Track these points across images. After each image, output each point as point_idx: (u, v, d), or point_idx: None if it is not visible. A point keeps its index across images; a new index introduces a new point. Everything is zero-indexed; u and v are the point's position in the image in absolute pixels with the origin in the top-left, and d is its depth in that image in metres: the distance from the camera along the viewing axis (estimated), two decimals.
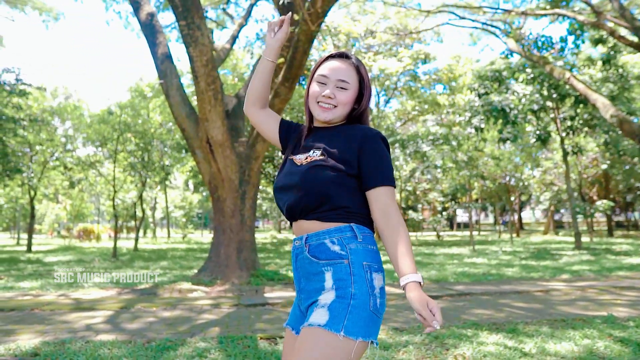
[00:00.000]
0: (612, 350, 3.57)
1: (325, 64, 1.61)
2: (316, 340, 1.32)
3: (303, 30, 6.27)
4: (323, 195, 1.46)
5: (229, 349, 3.71)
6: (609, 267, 9.27)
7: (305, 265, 1.49)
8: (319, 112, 1.58)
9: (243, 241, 7.55)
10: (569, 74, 12.63)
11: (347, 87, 1.57)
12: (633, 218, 34.95)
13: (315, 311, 1.38)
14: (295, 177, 1.51)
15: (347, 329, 1.31)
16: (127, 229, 26.84)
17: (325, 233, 1.46)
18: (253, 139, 7.55)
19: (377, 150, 1.50)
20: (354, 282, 1.38)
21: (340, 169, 1.47)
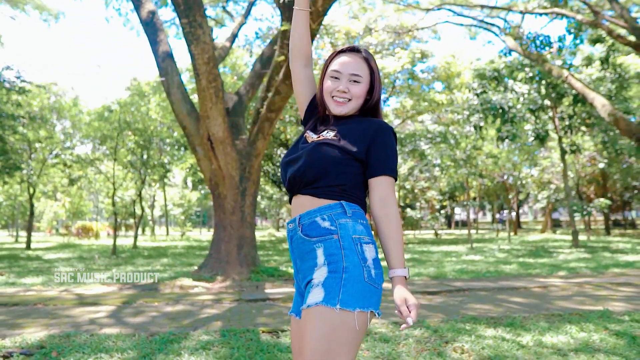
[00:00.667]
0: (608, 343, 3.65)
1: (336, 60, 1.66)
2: (316, 319, 1.34)
3: None
4: (322, 170, 1.51)
5: (232, 342, 3.77)
6: (606, 264, 9.36)
7: (300, 245, 1.52)
8: (334, 106, 1.63)
9: (243, 237, 7.61)
10: (567, 73, 12.71)
11: (359, 80, 1.62)
12: (630, 217, 35.11)
13: (311, 292, 1.40)
14: (301, 152, 1.58)
15: (343, 301, 1.33)
16: (125, 226, 26.86)
17: (316, 211, 1.49)
18: (254, 136, 7.61)
19: (388, 142, 1.56)
20: (345, 256, 1.41)
21: (348, 150, 1.52)
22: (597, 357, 3.31)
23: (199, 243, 20.82)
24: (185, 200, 25.44)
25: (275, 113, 7.36)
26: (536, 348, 3.55)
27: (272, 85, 7.77)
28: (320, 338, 1.33)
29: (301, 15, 1.74)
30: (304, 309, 1.41)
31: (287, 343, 3.75)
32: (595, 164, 21.97)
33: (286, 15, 7.29)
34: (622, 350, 3.46)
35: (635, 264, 9.45)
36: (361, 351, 3.52)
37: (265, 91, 7.92)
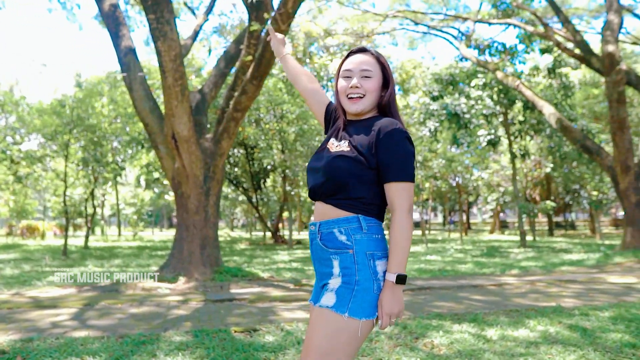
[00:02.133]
0: (563, 335, 3.90)
1: (347, 61, 1.73)
2: (325, 320, 1.50)
3: (273, 29, 6.33)
4: (341, 184, 1.58)
5: (206, 342, 3.75)
6: (553, 262, 9.91)
7: (318, 250, 1.65)
8: (350, 105, 1.69)
9: (207, 238, 7.53)
10: (519, 81, 13.34)
11: (371, 75, 1.67)
12: (570, 218, 37.12)
13: (325, 294, 1.55)
14: (322, 162, 1.65)
15: (352, 310, 1.48)
16: (74, 226, 25.76)
17: (335, 222, 1.59)
18: (219, 135, 7.54)
19: (390, 145, 1.55)
20: (358, 270, 1.53)
21: (361, 161, 1.57)
22: (555, 348, 3.54)
23: (152, 243, 20.29)
24: (138, 200, 24.71)
25: (242, 112, 7.33)
26: (500, 341, 3.75)
27: (239, 85, 7.74)
28: (325, 337, 1.48)
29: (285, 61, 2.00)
30: (316, 307, 1.57)
31: (262, 342, 3.77)
32: (541, 168, 23.12)
33: (254, 14, 7.29)
34: (576, 341, 3.72)
35: (580, 262, 10.06)
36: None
37: (231, 90, 7.87)
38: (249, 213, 33.56)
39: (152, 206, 31.05)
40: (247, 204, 31.08)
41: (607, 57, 10.44)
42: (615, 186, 11.78)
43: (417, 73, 27.60)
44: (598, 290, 6.50)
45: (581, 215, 43.51)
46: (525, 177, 24.69)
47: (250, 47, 7.39)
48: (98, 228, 27.39)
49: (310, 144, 18.70)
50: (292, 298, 6.07)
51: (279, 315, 4.96)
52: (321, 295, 1.58)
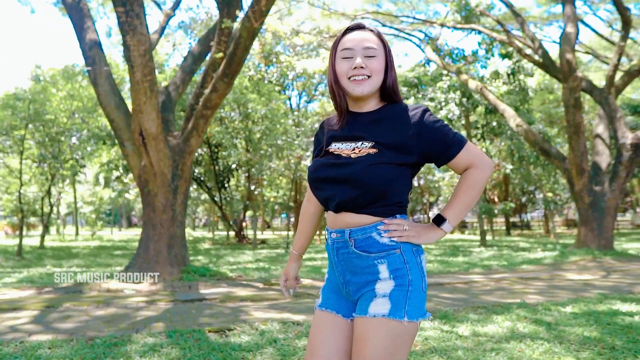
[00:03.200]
0: (530, 330, 4.05)
1: (344, 39, 1.52)
2: (383, 330, 1.36)
3: (245, 27, 6.29)
4: (381, 193, 1.44)
5: (181, 343, 3.69)
6: (514, 261, 10.26)
7: (352, 260, 1.48)
8: (354, 87, 1.48)
9: (174, 237, 7.38)
10: (482, 85, 13.73)
11: (375, 53, 1.48)
12: (526, 219, 38.53)
13: (374, 301, 1.40)
14: (349, 170, 1.44)
15: (409, 313, 1.38)
16: (27, 225, 24.66)
17: (372, 227, 1.45)
18: (187, 133, 7.40)
19: (433, 127, 1.45)
20: (410, 269, 1.43)
21: (398, 162, 1.44)
22: (524, 342, 3.67)
23: (112, 243, 19.70)
24: (96, 198, 23.90)
25: (211, 110, 7.23)
26: (472, 337, 3.85)
27: (208, 82, 7.63)
28: (384, 348, 1.36)
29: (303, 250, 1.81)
30: (366, 317, 1.40)
31: (238, 342, 3.74)
32: (500, 169, 23.89)
33: (225, 11, 7.21)
34: (543, 335, 3.87)
35: (539, 260, 10.46)
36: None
37: (201, 87, 7.75)
38: (212, 212, 33.12)
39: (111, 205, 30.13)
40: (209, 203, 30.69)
41: (565, 64, 10.91)
42: (570, 188, 12.31)
43: None
44: (558, 286, 6.78)
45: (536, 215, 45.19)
46: None
47: (220, 44, 7.29)
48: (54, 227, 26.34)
49: (276, 143, 18.64)
50: (262, 297, 6.05)
51: (251, 315, 4.92)
52: (365, 304, 1.42)
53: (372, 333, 1.37)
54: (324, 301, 1.59)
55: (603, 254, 10.84)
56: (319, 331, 1.54)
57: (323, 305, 1.58)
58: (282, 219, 51.02)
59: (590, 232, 11.63)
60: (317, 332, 1.55)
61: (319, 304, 1.60)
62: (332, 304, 1.56)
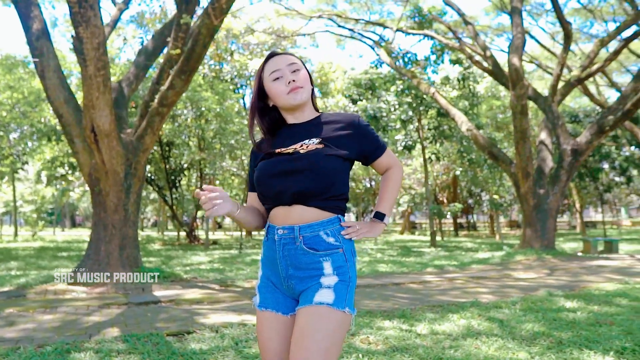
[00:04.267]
0: (484, 327, 4.22)
1: (267, 65, 1.69)
2: (327, 317, 1.48)
3: (205, 24, 6.17)
4: (331, 182, 1.57)
5: (139, 347, 3.57)
6: (464, 261, 10.63)
7: (298, 255, 1.58)
8: (294, 97, 1.64)
9: (126, 237, 7.13)
10: (434, 89, 14.13)
11: (299, 67, 1.67)
12: (472, 220, 39.96)
13: (319, 291, 1.52)
14: (301, 163, 1.56)
15: (350, 305, 1.53)
16: None
17: (319, 225, 1.58)
18: (142, 130, 7.17)
19: (367, 131, 1.68)
20: (349, 267, 1.59)
21: (342, 155, 1.60)
22: (480, 339, 3.81)
23: (55, 244, 18.75)
24: (38, 197, 22.65)
25: (167, 108, 7.04)
26: (431, 335, 3.96)
27: (164, 79, 7.43)
28: (327, 334, 1.46)
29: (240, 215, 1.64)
30: (310, 305, 1.50)
31: (199, 345, 3.67)
32: (449, 172, 24.68)
33: (183, 7, 7.05)
34: (496, 332, 4.04)
35: (487, 260, 10.89)
36: None
37: (156, 84, 7.53)
38: (161, 212, 32.23)
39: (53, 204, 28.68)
40: (159, 202, 29.82)
41: (513, 73, 11.42)
42: (516, 190, 12.89)
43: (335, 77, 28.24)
44: (508, 285, 7.08)
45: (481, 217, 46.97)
46: (435, 180, 26.18)
47: (178, 40, 7.12)
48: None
49: (229, 143, 18.40)
50: (220, 299, 5.95)
51: (210, 318, 4.83)
52: (310, 295, 1.53)
53: (318, 320, 1.47)
54: (262, 301, 1.67)
55: (546, 254, 11.43)
56: (265, 330, 1.63)
57: (262, 305, 1.66)
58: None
59: (534, 232, 12.23)
60: (262, 332, 1.64)
61: (257, 304, 1.67)
62: (271, 303, 1.64)
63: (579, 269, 9.24)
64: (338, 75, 27.95)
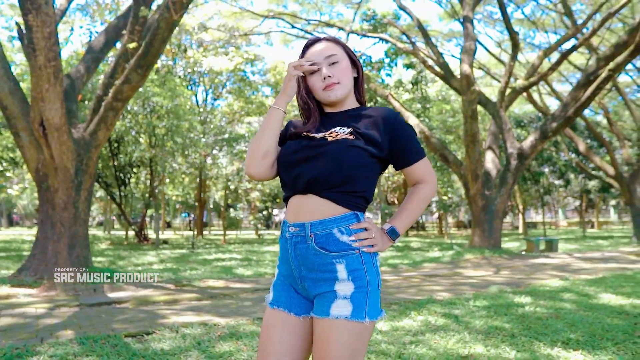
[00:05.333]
0: (442, 323, 4.37)
1: (306, 55, 1.61)
2: (345, 331, 1.39)
3: (164, 18, 6.02)
4: (350, 175, 1.46)
5: (97, 350, 3.45)
6: (416, 260, 10.93)
7: (310, 256, 1.47)
8: (329, 95, 1.56)
9: (76, 236, 6.84)
10: (388, 92, 14.43)
11: (337, 59, 1.56)
12: (421, 220, 41.05)
13: (336, 303, 1.41)
14: (323, 149, 1.47)
15: (370, 314, 1.42)
16: None
17: (332, 222, 1.46)
18: (95, 125, 6.90)
19: (404, 130, 1.54)
20: (367, 270, 1.45)
21: (371, 151, 1.48)
22: (438, 334, 3.95)
23: None
24: None
25: (122, 102, 6.81)
26: (392, 332, 4.07)
27: (119, 72, 7.19)
28: (347, 347, 1.39)
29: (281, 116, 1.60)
30: (327, 319, 1.41)
31: (160, 346, 3.59)
32: (400, 173, 25.23)
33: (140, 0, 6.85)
34: (453, 327, 4.20)
35: (438, 259, 11.24)
36: (241, 347, 3.58)
37: (110, 77, 7.27)
38: (108, 210, 31.07)
39: None
40: (105, 200, 28.69)
41: (465, 78, 11.86)
42: (466, 192, 13.39)
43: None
44: (460, 282, 7.36)
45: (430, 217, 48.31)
46: (386, 181, 26.72)
47: (134, 33, 6.91)
48: None
49: (181, 141, 18.00)
50: (177, 300, 5.84)
51: (169, 318, 4.73)
52: (325, 304, 1.44)
53: (335, 334, 1.39)
54: (275, 299, 1.57)
55: (493, 253, 11.95)
56: (271, 329, 1.53)
57: (275, 304, 1.56)
58: (183, 219, 49.25)
59: (482, 232, 12.76)
60: (269, 330, 1.53)
61: (269, 301, 1.58)
62: (284, 302, 1.54)
63: (524, 266, 9.73)
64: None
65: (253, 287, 6.97)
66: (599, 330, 4.00)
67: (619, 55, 11.36)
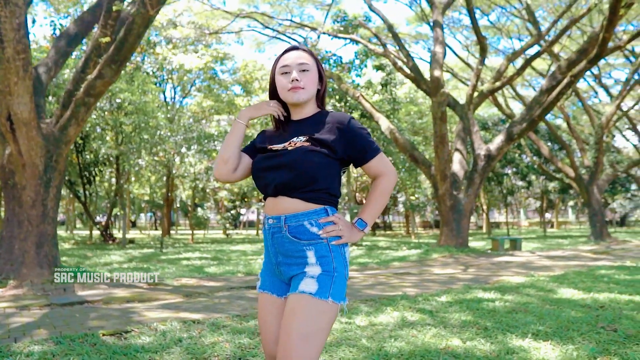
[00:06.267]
0: (417, 318, 4.50)
1: (282, 58, 1.78)
2: (309, 305, 1.57)
3: (140, 13, 5.93)
4: (312, 176, 1.65)
5: (76, 349, 3.40)
6: (385, 259, 11.11)
7: (285, 244, 1.68)
8: (292, 95, 1.73)
9: (44, 235, 6.65)
10: (359, 93, 14.60)
11: (307, 68, 1.75)
12: (388, 220, 41.60)
13: (304, 280, 1.61)
14: (285, 159, 1.67)
15: (333, 295, 1.60)
16: None
17: (304, 215, 1.66)
18: (65, 120, 6.72)
19: (356, 131, 1.71)
20: (334, 258, 1.65)
21: (326, 153, 1.66)
22: (415, 329, 4.07)
23: None
24: None
25: (95, 98, 6.66)
26: (370, 327, 4.16)
27: (90, 67, 7.04)
28: (307, 321, 1.55)
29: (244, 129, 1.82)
30: (295, 293, 1.60)
31: (140, 344, 3.56)
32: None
33: None
34: (429, 322, 4.33)
35: (405, 258, 11.46)
36: (222, 343, 3.59)
37: (81, 72, 7.10)
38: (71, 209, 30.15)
39: None
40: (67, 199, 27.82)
41: (435, 81, 12.14)
42: (435, 192, 13.70)
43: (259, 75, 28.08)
44: (428, 280, 7.55)
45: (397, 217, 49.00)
46: (355, 181, 26.96)
47: (107, 27, 6.77)
48: None
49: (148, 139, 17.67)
50: (150, 298, 5.77)
51: (145, 316, 4.69)
52: (296, 283, 1.63)
53: (300, 307, 1.57)
54: (262, 283, 1.80)
55: (460, 251, 12.27)
56: (263, 312, 1.76)
57: (262, 288, 1.79)
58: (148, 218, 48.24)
59: (450, 231, 13.08)
60: (262, 313, 1.77)
61: (259, 287, 1.81)
62: (269, 285, 1.77)
63: (490, 264, 10.05)
64: (262, 75, 27.81)
65: (226, 285, 6.96)
66: (565, 322, 4.21)
67: (580, 62, 11.89)
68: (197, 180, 24.46)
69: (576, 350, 3.36)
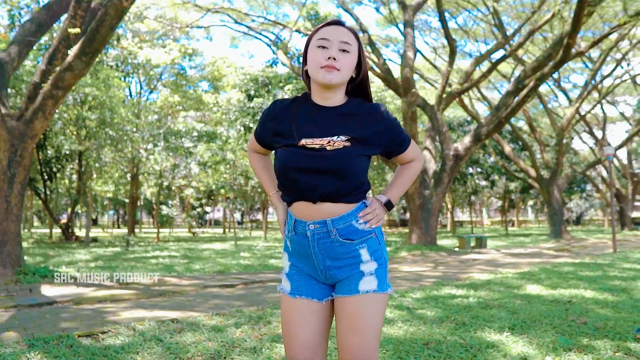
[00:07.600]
0: (396, 314, 4.56)
1: (324, 29, 1.57)
2: (374, 303, 1.57)
3: (114, 4, 5.76)
4: (360, 182, 1.58)
5: (52, 351, 3.28)
6: None
7: (334, 247, 1.58)
8: (324, 74, 1.52)
9: (7, 233, 6.37)
10: None
11: (349, 49, 1.55)
12: None
13: (363, 280, 1.57)
14: (330, 164, 1.52)
15: (388, 285, 1.62)
16: None
17: (350, 216, 1.57)
18: (31, 114, 6.45)
19: (392, 124, 1.63)
20: (382, 249, 1.65)
21: (367, 154, 1.58)
22: (395, 325, 4.12)
23: None
24: None
25: (63, 90, 6.42)
26: None
27: (58, 58, 6.79)
28: (377, 319, 1.57)
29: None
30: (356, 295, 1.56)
31: (119, 344, 3.47)
32: None
33: None
34: (407, 317, 4.39)
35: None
36: (205, 342, 3.54)
37: (48, 64, 6.83)
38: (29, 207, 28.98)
39: None
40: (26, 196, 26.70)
41: (405, 81, 12.31)
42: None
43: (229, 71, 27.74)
44: (399, 277, 7.66)
45: None
46: None
47: (76, 17, 6.55)
48: None
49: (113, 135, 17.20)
50: (122, 297, 5.63)
51: (119, 315, 4.57)
52: (354, 284, 1.57)
53: (368, 307, 1.55)
54: (294, 288, 1.65)
55: (429, 249, 12.50)
56: (295, 317, 1.63)
57: (295, 293, 1.64)
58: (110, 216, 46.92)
59: (419, 230, 13.30)
60: (293, 317, 1.64)
61: (289, 292, 1.66)
62: (305, 290, 1.64)
63: (458, 262, 10.29)
64: (232, 71, 27.50)
65: (201, 282, 6.86)
66: (538, 316, 4.36)
67: (544, 66, 12.31)
68: (162, 178, 23.93)
69: (552, 342, 3.49)
